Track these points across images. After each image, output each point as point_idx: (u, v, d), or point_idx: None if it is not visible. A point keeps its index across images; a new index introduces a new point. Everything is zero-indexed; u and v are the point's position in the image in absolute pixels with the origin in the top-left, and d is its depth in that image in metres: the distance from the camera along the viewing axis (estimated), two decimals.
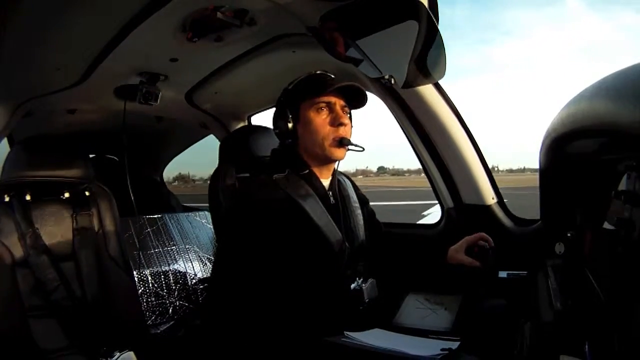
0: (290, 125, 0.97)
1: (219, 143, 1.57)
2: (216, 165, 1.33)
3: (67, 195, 1.33)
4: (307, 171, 0.98)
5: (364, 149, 0.99)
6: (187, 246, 1.90)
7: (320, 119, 0.95)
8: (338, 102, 0.97)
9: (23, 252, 1.19)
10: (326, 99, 0.96)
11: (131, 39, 1.13)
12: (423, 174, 1.47)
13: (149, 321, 1.64)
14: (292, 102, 0.98)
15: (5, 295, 1.14)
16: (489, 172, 1.31)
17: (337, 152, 0.96)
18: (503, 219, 1.30)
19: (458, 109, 1.26)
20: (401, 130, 1.39)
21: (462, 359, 0.77)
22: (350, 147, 0.97)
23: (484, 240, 1.02)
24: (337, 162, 1.02)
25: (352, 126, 1.01)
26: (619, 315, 0.53)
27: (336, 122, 0.95)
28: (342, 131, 0.95)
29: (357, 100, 1.00)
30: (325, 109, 0.96)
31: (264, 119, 2.11)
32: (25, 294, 1.16)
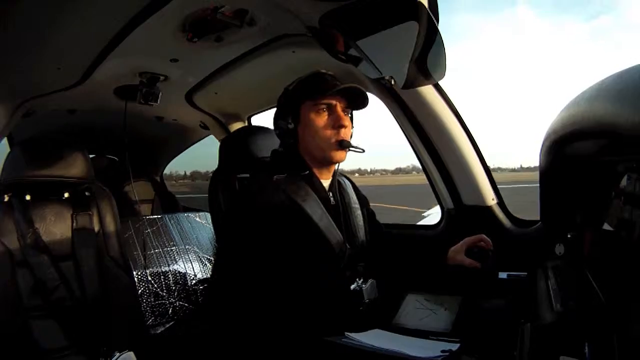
0: (290, 126, 0.97)
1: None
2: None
3: (67, 195, 1.33)
4: (308, 172, 0.98)
5: (364, 151, 0.99)
6: (187, 247, 1.90)
7: (321, 121, 0.95)
8: (339, 104, 0.96)
9: (23, 252, 1.19)
10: (327, 100, 0.95)
11: (131, 39, 1.13)
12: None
13: (149, 321, 1.64)
14: (293, 102, 0.98)
15: (5, 295, 1.14)
16: (489, 172, 1.31)
17: (338, 154, 0.96)
18: (503, 220, 1.30)
19: (458, 109, 1.27)
20: (401, 131, 1.39)
21: None
22: (350, 149, 0.97)
23: (484, 242, 1.02)
24: (337, 164, 1.02)
25: (353, 127, 1.01)
26: (619, 316, 0.53)
27: (337, 124, 0.95)
28: (342, 133, 0.95)
29: (358, 102, 0.99)
30: (326, 111, 0.96)
31: (264, 119, 2.11)
32: (25, 294, 1.16)
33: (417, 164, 1.43)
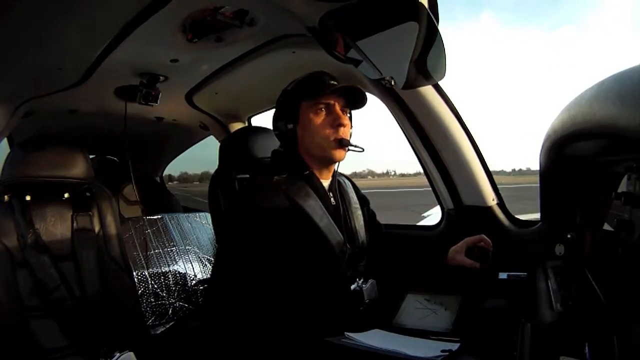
0: (290, 126, 0.97)
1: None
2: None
3: (67, 195, 1.33)
4: (308, 172, 0.98)
5: (363, 150, 0.99)
6: (187, 247, 1.89)
7: (320, 120, 0.95)
8: (338, 103, 0.97)
9: (23, 253, 1.19)
10: (326, 100, 0.96)
11: (131, 40, 1.13)
12: None
13: (149, 322, 1.64)
14: (292, 102, 0.98)
15: (5, 295, 1.14)
16: (489, 173, 1.31)
17: (337, 153, 0.96)
18: (503, 220, 1.30)
19: (458, 110, 1.27)
20: (401, 131, 1.39)
21: None
22: (350, 148, 0.97)
23: (484, 242, 1.02)
24: (337, 163, 1.02)
25: (352, 127, 1.01)
26: (619, 316, 0.53)
27: (336, 123, 0.95)
28: (341, 132, 0.95)
29: (356, 101, 1.00)
30: (324, 110, 0.96)
31: (264, 119, 2.11)
32: (25, 294, 1.16)
33: (374, 168, 1.44)
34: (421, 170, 1.42)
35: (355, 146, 0.98)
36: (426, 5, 0.88)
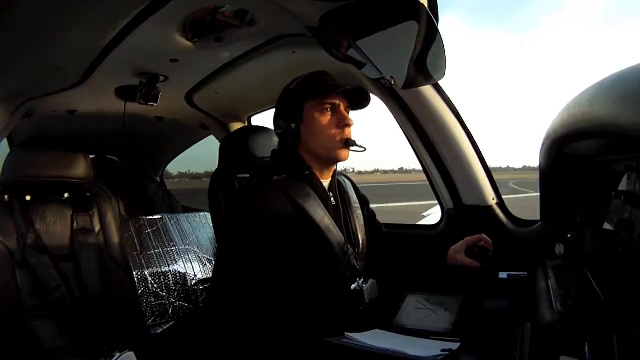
0: (293, 125, 0.97)
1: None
2: None
3: (67, 195, 1.33)
4: (308, 172, 0.98)
5: (365, 149, 0.99)
6: (187, 247, 1.90)
7: (326, 120, 0.96)
8: (342, 103, 0.97)
9: (23, 253, 1.19)
10: (332, 100, 0.96)
11: (131, 40, 1.13)
12: None
13: (149, 321, 1.64)
14: (296, 102, 0.98)
15: (5, 296, 1.14)
16: (489, 172, 1.31)
17: (343, 153, 0.97)
18: (503, 220, 1.30)
19: (458, 109, 1.27)
20: (401, 131, 1.39)
21: None
22: (353, 147, 0.98)
23: (484, 241, 1.02)
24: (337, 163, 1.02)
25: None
26: (619, 316, 0.53)
27: (342, 124, 0.95)
28: (347, 132, 0.96)
29: (359, 102, 1.00)
30: (330, 110, 0.96)
31: (264, 119, 2.11)
32: (25, 294, 1.16)
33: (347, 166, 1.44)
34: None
35: (359, 146, 0.98)
36: (426, 5, 0.88)
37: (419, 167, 1.43)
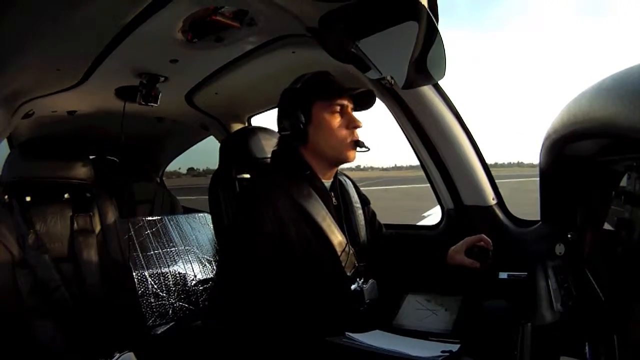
0: (301, 125, 0.97)
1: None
2: None
3: (67, 196, 1.33)
4: (309, 172, 0.98)
5: (369, 149, 0.99)
6: (186, 248, 1.89)
7: (336, 121, 0.96)
8: (350, 105, 0.98)
9: (23, 253, 1.19)
10: (341, 101, 0.96)
11: (131, 40, 1.13)
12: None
13: (149, 322, 1.64)
14: (304, 102, 0.98)
15: (5, 296, 1.14)
16: (489, 172, 1.31)
17: (352, 154, 0.98)
18: (503, 220, 1.30)
19: (458, 109, 1.27)
20: (401, 131, 1.39)
21: None
22: (360, 148, 0.98)
23: (484, 242, 1.02)
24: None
25: None
26: (619, 316, 0.53)
27: (351, 125, 0.96)
28: (356, 134, 0.97)
29: (365, 104, 1.01)
30: (339, 112, 0.97)
31: (264, 120, 2.11)
32: (25, 294, 1.16)
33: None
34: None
35: (365, 147, 0.99)
36: (426, 5, 0.88)
37: (412, 163, 1.43)
